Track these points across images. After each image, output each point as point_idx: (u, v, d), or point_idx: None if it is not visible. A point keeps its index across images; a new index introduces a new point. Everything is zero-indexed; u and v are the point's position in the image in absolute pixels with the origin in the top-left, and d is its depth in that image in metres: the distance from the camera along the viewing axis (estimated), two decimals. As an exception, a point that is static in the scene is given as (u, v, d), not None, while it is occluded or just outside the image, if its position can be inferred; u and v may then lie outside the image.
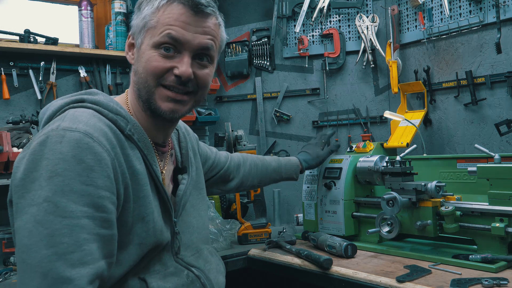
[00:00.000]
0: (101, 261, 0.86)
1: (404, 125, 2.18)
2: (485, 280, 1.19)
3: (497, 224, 1.33)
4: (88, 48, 2.42)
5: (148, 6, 1.04)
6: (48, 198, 0.82)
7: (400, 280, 1.26)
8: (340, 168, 1.78)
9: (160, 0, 1.02)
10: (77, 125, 0.89)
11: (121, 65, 2.55)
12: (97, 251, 0.85)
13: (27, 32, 2.22)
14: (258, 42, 2.66)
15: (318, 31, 2.57)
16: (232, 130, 1.95)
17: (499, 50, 1.94)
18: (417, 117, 2.21)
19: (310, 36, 2.58)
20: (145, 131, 1.06)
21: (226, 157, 1.55)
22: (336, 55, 2.52)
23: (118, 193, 0.93)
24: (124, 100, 1.11)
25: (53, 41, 2.29)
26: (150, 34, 1.02)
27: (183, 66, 1.02)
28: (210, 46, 1.05)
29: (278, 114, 2.62)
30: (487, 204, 1.41)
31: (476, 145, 1.51)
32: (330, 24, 2.56)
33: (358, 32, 2.47)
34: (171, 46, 1.01)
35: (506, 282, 1.18)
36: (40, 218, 0.82)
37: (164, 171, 1.14)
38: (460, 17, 2.12)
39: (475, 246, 1.45)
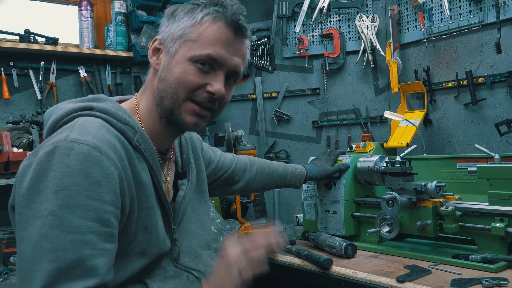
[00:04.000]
0: (104, 276, 0.87)
1: (404, 125, 2.18)
2: (485, 280, 1.19)
3: (497, 224, 1.33)
4: (88, 48, 2.43)
5: (187, 17, 1.02)
6: (53, 212, 0.83)
7: (400, 280, 1.26)
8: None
9: (204, 15, 1.01)
10: (85, 137, 0.89)
11: (121, 65, 2.55)
12: (100, 266, 0.86)
13: (27, 32, 2.22)
14: (258, 42, 2.66)
15: (318, 31, 2.57)
16: (232, 130, 1.95)
17: (499, 50, 1.94)
18: (417, 117, 2.21)
19: (310, 36, 2.58)
20: (153, 138, 1.06)
21: (231, 159, 1.53)
22: (336, 55, 2.52)
23: (123, 206, 0.93)
24: (133, 106, 1.09)
25: (53, 41, 2.30)
26: (187, 46, 1.01)
27: (218, 84, 1.02)
28: (242, 68, 1.07)
29: (278, 114, 2.62)
30: (487, 204, 1.40)
31: (476, 145, 1.51)
32: (330, 24, 2.56)
33: (358, 32, 2.47)
34: (207, 63, 1.01)
35: (506, 282, 1.18)
36: (44, 231, 0.82)
37: (168, 179, 1.15)
38: (460, 17, 2.12)
39: (475, 246, 1.45)
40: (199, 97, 1.02)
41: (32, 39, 2.23)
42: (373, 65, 2.46)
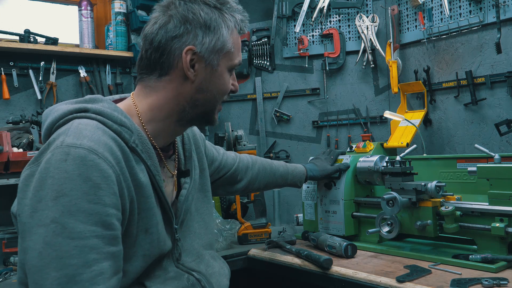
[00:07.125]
0: (112, 279, 0.87)
1: (404, 125, 2.18)
2: (485, 280, 1.19)
3: (497, 224, 1.33)
4: (88, 48, 2.42)
5: (224, 28, 1.06)
6: (55, 219, 0.82)
7: (400, 280, 1.26)
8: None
9: (233, 24, 1.08)
10: (81, 141, 0.88)
11: (121, 65, 2.55)
12: (107, 269, 0.86)
13: (27, 32, 2.22)
14: (258, 42, 2.66)
15: (318, 31, 2.57)
16: (232, 130, 1.94)
17: (499, 50, 1.94)
18: (417, 117, 2.21)
19: (310, 36, 2.58)
20: (154, 137, 1.06)
21: (234, 158, 1.53)
22: (336, 55, 2.52)
23: (123, 208, 0.93)
24: (131, 106, 1.07)
25: (53, 41, 2.29)
26: (227, 57, 1.08)
27: (235, 82, 1.14)
28: None
29: (278, 114, 2.62)
30: (487, 204, 1.41)
31: (476, 145, 1.51)
32: (330, 24, 2.56)
33: (358, 32, 2.47)
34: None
35: (506, 282, 1.18)
36: (48, 239, 0.82)
37: (173, 174, 1.15)
38: (460, 17, 2.12)
39: (475, 246, 1.45)
40: (226, 97, 1.13)
41: (32, 39, 2.22)
42: (373, 65, 2.46)
